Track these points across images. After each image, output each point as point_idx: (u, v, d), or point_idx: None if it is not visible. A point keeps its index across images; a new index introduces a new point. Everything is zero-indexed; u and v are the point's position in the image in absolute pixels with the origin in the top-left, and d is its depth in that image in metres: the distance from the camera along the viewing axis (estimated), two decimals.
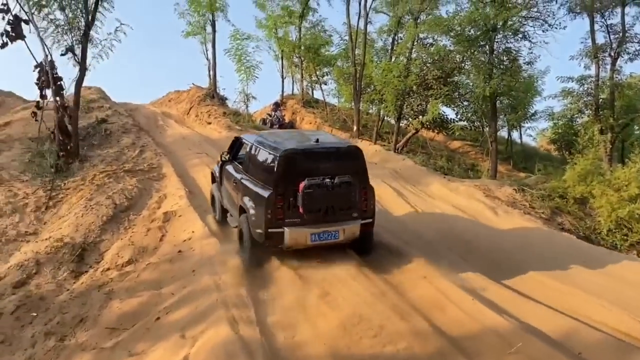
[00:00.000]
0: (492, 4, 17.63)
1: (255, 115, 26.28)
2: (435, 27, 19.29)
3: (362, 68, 22.15)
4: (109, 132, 16.88)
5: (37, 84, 3.41)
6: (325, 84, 28.76)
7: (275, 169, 7.32)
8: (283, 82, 29.08)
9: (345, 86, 25.38)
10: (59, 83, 3.26)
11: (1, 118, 17.76)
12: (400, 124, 21.78)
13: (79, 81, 14.48)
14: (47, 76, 3.22)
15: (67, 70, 12.93)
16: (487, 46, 18.27)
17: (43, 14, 13.34)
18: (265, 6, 27.52)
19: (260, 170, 7.95)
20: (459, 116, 21.23)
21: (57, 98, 3.35)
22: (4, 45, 3.35)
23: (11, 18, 2.97)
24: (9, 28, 3.24)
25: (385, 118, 23.99)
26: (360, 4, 22.39)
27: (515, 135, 28.05)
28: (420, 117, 20.16)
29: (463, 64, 20.04)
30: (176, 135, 19.58)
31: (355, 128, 22.41)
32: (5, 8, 3.27)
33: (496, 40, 18.16)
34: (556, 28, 17.75)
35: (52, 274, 8.44)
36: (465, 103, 20.73)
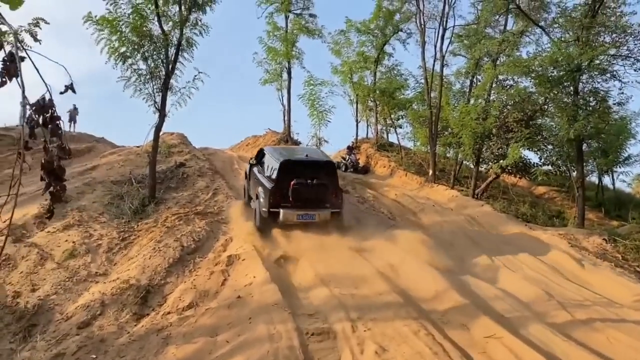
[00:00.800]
0: (576, 43, 16.72)
1: None
2: (514, 69, 18.45)
3: (438, 111, 21.66)
4: (185, 175, 17.39)
5: (27, 122, 3.46)
6: (400, 127, 28.40)
7: (277, 171, 11.27)
8: (357, 125, 29.17)
9: (421, 129, 24.84)
10: (56, 122, 3.32)
11: (89, 162, 18.90)
12: (480, 168, 20.85)
13: (158, 127, 15.15)
14: (43, 115, 3.26)
15: (148, 116, 13.57)
16: (571, 87, 17.20)
17: (127, 64, 14.27)
18: (340, 53, 28.05)
19: (268, 171, 11.97)
20: (542, 160, 20.06)
21: (54, 138, 3.41)
22: (3, 83, 3.38)
23: (5, 55, 3.05)
24: (2, 66, 3.30)
25: (464, 162, 23.13)
26: (436, 48, 22.19)
27: (607, 180, 26.04)
28: (501, 161, 19.18)
29: (545, 106, 19.01)
30: None
31: (431, 172, 21.75)
32: None
33: (581, 80, 17.08)
34: None
35: (115, 316, 8.51)
36: (549, 147, 19.56)
